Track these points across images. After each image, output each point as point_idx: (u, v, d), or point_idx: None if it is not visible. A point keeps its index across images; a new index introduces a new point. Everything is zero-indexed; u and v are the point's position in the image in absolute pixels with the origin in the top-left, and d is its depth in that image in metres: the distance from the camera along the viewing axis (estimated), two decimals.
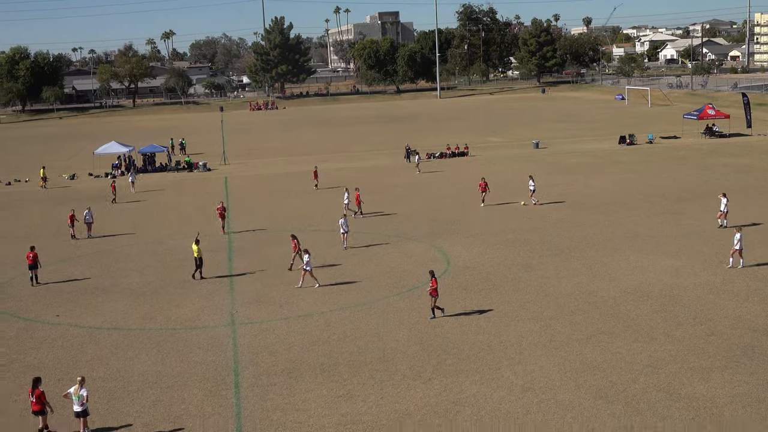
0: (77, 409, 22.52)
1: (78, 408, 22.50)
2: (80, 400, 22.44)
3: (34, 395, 22.50)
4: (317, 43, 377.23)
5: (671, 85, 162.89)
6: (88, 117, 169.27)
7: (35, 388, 22.55)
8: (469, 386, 24.90)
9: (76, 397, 22.50)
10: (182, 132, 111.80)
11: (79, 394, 22.46)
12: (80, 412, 22.51)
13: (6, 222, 55.93)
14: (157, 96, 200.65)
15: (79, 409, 22.50)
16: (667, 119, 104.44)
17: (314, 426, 22.75)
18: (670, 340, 27.92)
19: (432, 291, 30.91)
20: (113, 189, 61.80)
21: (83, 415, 22.55)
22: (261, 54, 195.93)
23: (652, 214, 48.21)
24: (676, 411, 22.57)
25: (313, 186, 62.92)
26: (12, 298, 36.97)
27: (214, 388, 25.73)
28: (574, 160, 72.35)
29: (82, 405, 22.46)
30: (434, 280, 30.91)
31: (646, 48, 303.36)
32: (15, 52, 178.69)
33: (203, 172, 77.59)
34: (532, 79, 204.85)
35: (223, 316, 32.95)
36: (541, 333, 29.22)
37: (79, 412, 22.51)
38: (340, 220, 43.10)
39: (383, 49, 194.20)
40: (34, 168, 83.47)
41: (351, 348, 28.63)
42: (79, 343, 30.43)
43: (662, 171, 64.47)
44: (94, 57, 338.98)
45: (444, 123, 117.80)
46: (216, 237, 47.16)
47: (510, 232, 45.24)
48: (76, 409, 22.53)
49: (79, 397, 22.46)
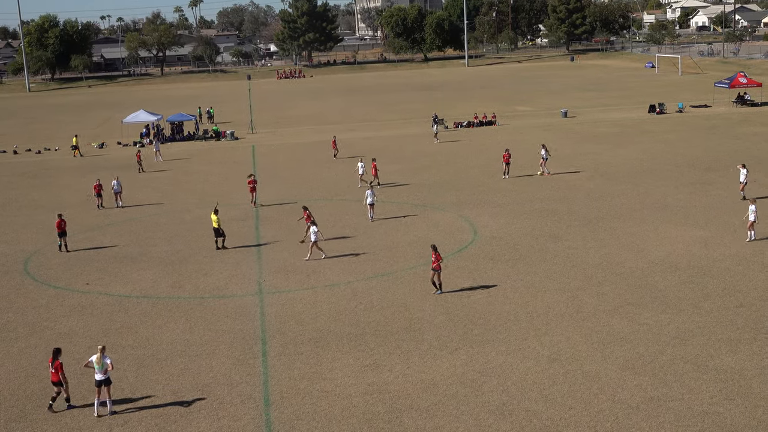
0: (100, 378, 22.44)
1: (101, 376, 22.43)
2: (104, 368, 22.42)
3: (54, 366, 22.62)
4: (345, 11, 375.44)
5: (702, 52, 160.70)
6: (116, 85, 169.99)
7: (55, 359, 22.63)
8: (496, 357, 24.94)
9: (99, 366, 22.43)
10: (210, 100, 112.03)
11: (102, 363, 22.42)
12: (104, 380, 22.49)
13: (36, 191, 56.46)
14: (184, 64, 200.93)
15: (102, 377, 22.45)
16: (697, 88, 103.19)
17: (341, 395, 22.90)
18: (698, 312, 27.77)
19: (436, 266, 30.55)
20: (138, 158, 61.94)
21: (107, 383, 22.58)
22: (288, 22, 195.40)
23: (681, 184, 47.78)
24: (703, 383, 22.49)
25: (332, 156, 62.89)
26: (43, 266, 37.41)
27: (242, 356, 25.95)
28: (602, 129, 71.75)
29: (105, 373, 22.48)
30: (437, 255, 30.56)
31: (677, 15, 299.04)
32: (44, 20, 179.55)
33: (231, 140, 77.78)
34: (561, 47, 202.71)
35: (250, 285, 33.16)
36: (568, 304, 29.16)
37: (103, 380, 22.48)
38: (367, 191, 42.85)
39: (411, 16, 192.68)
40: (64, 137, 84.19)
41: (377, 318, 28.73)
42: (109, 312, 30.77)
43: (692, 140, 63.80)
44: (122, 25, 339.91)
45: (471, 91, 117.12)
46: (244, 206, 47.35)
47: (537, 201, 45.04)
48: (99, 377, 22.45)
49: (102, 366, 22.42)
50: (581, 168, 54.10)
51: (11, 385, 24.54)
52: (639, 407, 21.35)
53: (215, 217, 38.38)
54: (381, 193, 47.72)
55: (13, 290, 33.99)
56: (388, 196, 47.90)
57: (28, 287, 34.35)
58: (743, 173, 43.00)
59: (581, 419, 20.87)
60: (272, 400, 22.80)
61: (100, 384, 22.49)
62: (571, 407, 21.53)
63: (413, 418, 21.42)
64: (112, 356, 26.20)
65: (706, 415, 20.77)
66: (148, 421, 21.94)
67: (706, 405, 21.30)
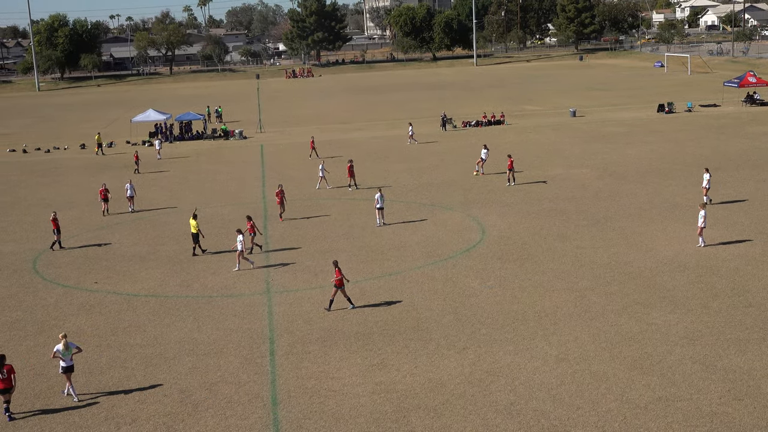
0: (66, 365, 23.33)
1: (67, 363, 23.32)
2: (70, 354, 23.34)
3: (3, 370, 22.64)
4: (353, 10, 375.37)
5: (712, 52, 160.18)
6: (125, 84, 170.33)
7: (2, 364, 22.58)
8: (503, 356, 24.91)
9: (67, 353, 23.31)
10: (219, 100, 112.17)
11: (69, 349, 23.36)
12: (70, 366, 23.41)
13: (45, 189, 56.62)
14: (193, 63, 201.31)
15: (68, 364, 23.35)
16: (706, 87, 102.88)
17: (348, 394, 22.90)
18: (707, 312, 27.69)
19: (337, 281, 29.24)
20: (136, 159, 61.56)
21: (72, 370, 23.53)
22: (297, 21, 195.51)
23: (689, 183, 47.63)
24: (712, 383, 22.42)
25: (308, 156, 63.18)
26: (51, 264, 37.51)
27: (250, 355, 25.98)
28: (611, 129, 71.60)
29: (71, 360, 23.41)
30: (338, 270, 29.22)
31: (686, 14, 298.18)
32: (54, 19, 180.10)
33: (239, 140, 77.88)
34: (570, 46, 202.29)
35: (258, 284, 33.18)
36: (576, 303, 29.10)
37: (69, 367, 23.39)
38: (376, 195, 41.83)
39: (420, 15, 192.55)
40: (73, 135, 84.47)
41: (385, 317, 28.72)
42: (117, 310, 30.84)
43: (701, 140, 63.62)
44: (131, 24, 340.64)
45: (480, 91, 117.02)
46: (254, 204, 47.38)
47: (546, 201, 44.97)
48: (66, 364, 23.33)
49: (69, 352, 23.34)
50: (590, 167, 53.99)
51: (20, 383, 24.55)
52: (647, 407, 21.29)
53: (194, 222, 37.77)
54: (390, 192, 47.66)
55: (21, 289, 34.09)
56: (396, 196, 47.88)
57: (36, 286, 34.45)
58: (706, 178, 42.36)
59: (589, 419, 20.83)
60: (280, 399, 22.82)
61: (67, 371, 23.41)
62: (579, 407, 21.49)
63: (421, 417, 21.41)
64: (120, 355, 26.37)
65: (715, 416, 20.71)
66: (156, 420, 21.98)
67: (714, 405, 21.23)
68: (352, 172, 50.37)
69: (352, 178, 50.46)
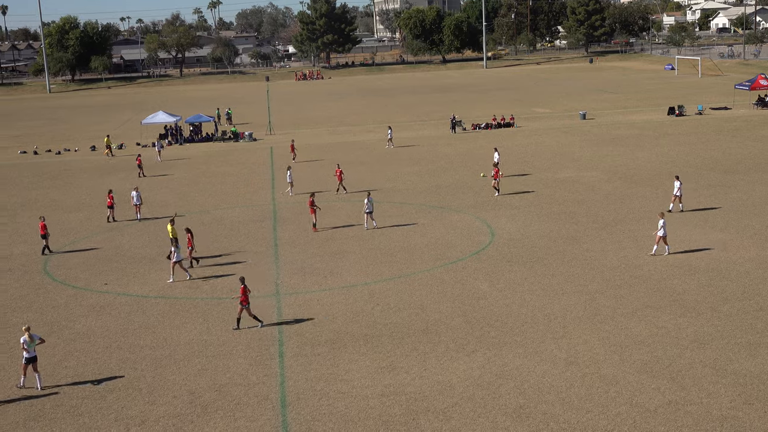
0: (30, 356, 24.00)
1: (30, 354, 23.96)
2: (34, 345, 24.03)
3: None
4: (363, 13, 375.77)
5: (723, 54, 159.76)
6: (135, 86, 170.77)
7: None
8: (513, 359, 24.87)
9: (32, 344, 24.01)
10: (228, 102, 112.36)
11: (34, 340, 24.11)
12: (33, 357, 24.07)
13: (56, 191, 56.80)
14: (203, 66, 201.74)
15: (31, 355, 24.01)
16: (717, 90, 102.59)
17: (357, 396, 22.90)
18: (717, 315, 27.60)
19: (242, 300, 28.45)
20: (139, 162, 61.07)
21: (35, 360, 24.20)
22: (307, 23, 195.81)
23: (700, 186, 47.50)
24: (722, 387, 22.34)
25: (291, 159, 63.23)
26: (62, 266, 37.62)
27: (259, 357, 26.00)
28: (621, 132, 71.44)
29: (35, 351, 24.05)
30: (243, 288, 28.39)
31: (697, 16, 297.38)
32: (65, 21, 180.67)
33: (249, 142, 77.99)
34: (580, 49, 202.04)
35: (268, 286, 33.21)
36: (585, 306, 29.04)
37: (32, 358, 24.06)
38: (365, 200, 41.50)
39: (429, 18, 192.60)
40: (84, 137, 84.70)
41: (394, 319, 28.72)
42: (127, 312, 30.91)
43: (711, 143, 63.42)
44: (141, 27, 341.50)
45: (490, 93, 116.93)
46: (264, 206, 47.45)
47: (555, 204, 44.90)
48: (29, 355, 24.00)
49: (34, 343, 24.05)
50: (600, 170, 53.88)
51: (29, 384, 24.65)
52: (657, 411, 21.23)
53: (170, 227, 37.80)
54: (399, 194, 47.63)
55: (32, 290, 34.20)
56: (405, 198, 47.89)
57: (47, 287, 34.56)
58: (677, 186, 41.80)
59: (599, 423, 20.77)
60: (289, 401, 22.83)
61: (29, 362, 24.10)
62: (588, 410, 21.44)
63: (430, 420, 21.39)
64: (130, 356, 26.45)
65: (725, 420, 20.63)
66: (165, 421, 22.01)
67: (725, 409, 21.15)
68: (341, 177, 50.22)
69: (340, 183, 50.25)
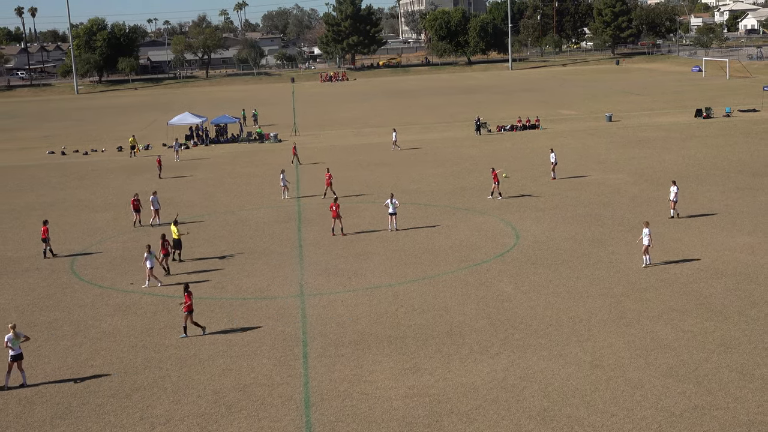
0: (15, 353, 24.54)
1: (15, 352, 24.53)
2: (19, 343, 24.54)
3: None
4: (388, 14, 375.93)
5: (751, 56, 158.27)
6: (162, 88, 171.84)
7: None
8: (537, 362, 24.77)
9: (17, 342, 24.53)
10: (254, 103, 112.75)
11: (19, 338, 24.60)
12: (18, 355, 24.62)
13: (83, 191, 57.26)
14: (229, 67, 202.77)
15: (17, 353, 24.56)
16: (745, 92, 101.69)
17: (381, 398, 22.90)
18: (744, 319, 27.34)
19: (186, 307, 27.97)
20: (159, 163, 61.33)
21: (21, 358, 24.75)
22: (332, 25, 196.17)
23: (727, 189, 47.11)
24: (749, 392, 22.13)
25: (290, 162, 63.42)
26: (89, 266, 37.91)
27: (283, 357, 26.06)
28: (648, 134, 70.99)
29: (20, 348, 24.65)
30: (187, 295, 28.00)
31: (725, 18, 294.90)
32: (93, 23, 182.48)
33: (274, 143, 78.23)
34: (607, 51, 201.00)
35: (292, 286, 33.29)
36: (610, 309, 28.87)
37: (17, 356, 24.60)
38: (387, 201, 41.71)
39: (455, 19, 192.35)
40: (110, 138, 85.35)
41: (418, 321, 28.69)
42: (152, 311, 31.09)
43: (739, 145, 62.87)
44: (168, 28, 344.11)
45: (515, 95, 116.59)
46: (286, 207, 47.59)
47: (581, 206, 44.69)
48: (14, 353, 24.54)
49: (19, 341, 24.55)
50: (626, 172, 53.57)
51: (57, 382, 24.89)
52: (683, 415, 21.06)
53: (174, 228, 37.79)
54: (424, 196, 47.57)
55: (59, 289, 34.50)
56: (430, 199, 47.85)
57: (74, 286, 34.84)
58: (673, 191, 41.18)
59: (624, 426, 20.64)
60: (313, 402, 22.87)
61: (14, 359, 24.62)
62: (613, 414, 21.30)
63: (453, 422, 21.35)
64: (155, 355, 26.60)
65: (752, 425, 20.43)
66: (190, 420, 22.11)
67: (752, 414, 20.95)
68: (330, 182, 49.81)
69: (329, 187, 49.72)
